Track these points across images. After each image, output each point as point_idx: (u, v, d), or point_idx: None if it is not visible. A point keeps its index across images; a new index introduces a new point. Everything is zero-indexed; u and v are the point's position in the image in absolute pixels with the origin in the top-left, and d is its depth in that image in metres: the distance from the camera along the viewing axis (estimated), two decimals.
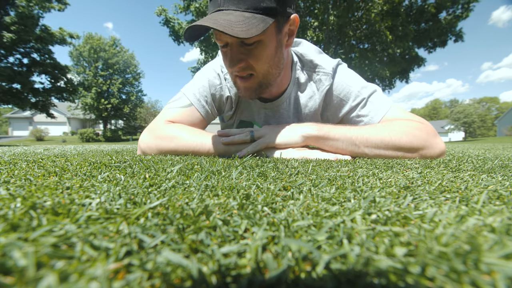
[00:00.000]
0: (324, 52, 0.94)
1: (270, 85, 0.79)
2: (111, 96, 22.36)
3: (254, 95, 0.80)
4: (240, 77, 0.75)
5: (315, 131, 0.72)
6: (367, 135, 0.72)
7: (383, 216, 0.22)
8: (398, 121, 0.77)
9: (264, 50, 0.70)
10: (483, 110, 34.38)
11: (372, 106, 0.83)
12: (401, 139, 0.71)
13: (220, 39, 0.70)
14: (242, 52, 0.70)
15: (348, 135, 0.72)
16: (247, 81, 0.75)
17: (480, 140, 17.58)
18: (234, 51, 0.70)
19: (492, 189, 0.33)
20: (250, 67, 0.72)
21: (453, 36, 11.60)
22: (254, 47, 0.69)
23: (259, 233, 0.18)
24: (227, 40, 0.69)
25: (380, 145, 0.71)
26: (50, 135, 23.89)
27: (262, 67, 0.73)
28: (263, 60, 0.72)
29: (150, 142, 0.81)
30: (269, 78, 0.77)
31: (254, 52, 0.69)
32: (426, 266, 0.14)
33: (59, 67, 10.69)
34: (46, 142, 18.74)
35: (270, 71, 0.75)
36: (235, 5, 0.63)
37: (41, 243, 0.16)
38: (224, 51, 0.73)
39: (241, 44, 0.69)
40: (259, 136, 0.75)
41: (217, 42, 0.72)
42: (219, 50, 0.96)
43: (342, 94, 0.86)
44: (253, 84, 0.76)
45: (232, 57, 0.70)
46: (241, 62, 0.70)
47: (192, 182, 0.35)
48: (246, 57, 0.70)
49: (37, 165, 0.51)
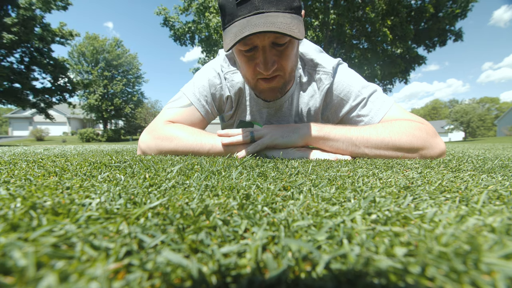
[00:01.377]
0: (324, 51, 0.94)
1: (291, 82, 0.80)
2: (113, 97, 22.38)
3: (279, 95, 0.80)
4: (264, 79, 0.74)
5: (315, 131, 0.72)
6: (368, 135, 0.71)
7: (383, 216, 0.22)
8: (398, 121, 0.76)
9: (293, 49, 0.70)
10: (483, 110, 34.40)
11: (372, 106, 0.83)
12: (401, 139, 0.71)
13: (248, 43, 0.66)
14: (274, 53, 0.69)
15: (348, 135, 0.72)
16: (273, 81, 0.75)
17: (480, 140, 17.59)
18: (268, 54, 0.68)
19: (492, 189, 0.33)
20: (280, 68, 0.71)
21: (452, 36, 11.61)
22: (285, 47, 0.68)
23: (259, 233, 0.18)
24: (257, 44, 0.66)
25: (380, 145, 0.71)
26: (50, 135, 23.89)
27: (290, 66, 0.73)
28: (292, 59, 0.72)
29: (150, 143, 0.81)
30: (292, 76, 0.78)
31: (285, 52, 0.69)
32: (426, 266, 0.14)
33: (60, 66, 10.68)
34: (46, 142, 18.74)
35: (294, 68, 0.76)
36: (275, 7, 0.61)
37: (41, 243, 0.15)
38: (249, 55, 0.70)
39: (272, 46, 0.67)
40: (259, 136, 0.75)
41: (241, 47, 0.68)
42: (220, 50, 0.95)
43: (343, 93, 0.86)
44: (279, 84, 0.76)
45: (267, 60, 0.68)
46: (275, 64, 0.69)
47: (192, 182, 0.35)
48: (277, 58, 0.69)
49: (37, 165, 0.51)
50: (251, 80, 0.77)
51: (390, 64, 11.29)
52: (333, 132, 0.72)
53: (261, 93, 0.80)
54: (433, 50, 12.39)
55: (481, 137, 29.71)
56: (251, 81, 0.77)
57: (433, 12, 10.35)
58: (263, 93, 0.80)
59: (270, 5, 0.61)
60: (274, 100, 0.85)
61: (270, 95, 0.79)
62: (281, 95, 0.81)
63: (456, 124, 30.74)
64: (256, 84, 0.77)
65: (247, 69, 0.74)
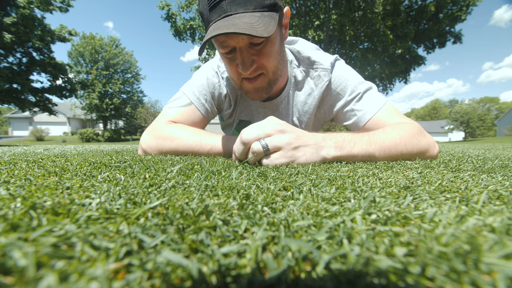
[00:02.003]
0: (321, 49, 0.95)
1: (277, 81, 0.79)
2: (112, 96, 22.37)
3: (264, 95, 0.79)
4: (247, 80, 0.74)
5: (337, 151, 0.62)
6: (388, 148, 0.67)
7: (383, 216, 0.22)
8: (406, 127, 0.74)
9: (272, 46, 0.70)
10: (483, 110, 34.39)
11: (366, 102, 0.84)
12: (414, 148, 0.70)
13: (225, 46, 0.67)
14: (252, 53, 0.69)
15: (370, 150, 0.65)
16: (256, 81, 0.74)
17: (480, 140, 17.59)
18: (245, 54, 0.68)
19: (492, 189, 0.33)
20: (261, 67, 0.71)
21: (452, 38, 11.62)
22: (263, 46, 0.68)
23: (259, 233, 0.18)
24: (234, 45, 0.67)
25: (397, 156, 0.69)
26: (50, 135, 23.89)
27: (272, 64, 0.72)
28: (273, 57, 0.71)
29: (151, 142, 0.82)
30: (277, 74, 0.77)
31: (264, 51, 0.69)
32: (426, 266, 0.14)
33: (59, 66, 10.70)
34: (46, 142, 18.74)
35: (278, 66, 0.75)
36: (243, 7, 0.62)
37: (41, 243, 0.15)
38: (230, 57, 0.71)
39: (250, 46, 0.67)
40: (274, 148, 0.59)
41: (221, 50, 0.69)
42: (217, 51, 0.96)
43: (339, 88, 0.87)
44: (263, 83, 0.76)
45: (245, 61, 0.68)
46: (253, 64, 0.69)
47: (192, 182, 0.35)
48: (257, 57, 0.69)
49: (37, 165, 0.51)
50: (236, 80, 0.77)
51: (390, 64, 11.30)
52: (355, 149, 0.64)
53: (247, 94, 0.80)
54: (432, 52, 12.40)
55: (481, 137, 29.71)
56: (236, 82, 0.78)
57: (434, 12, 10.36)
58: (248, 94, 0.79)
59: (237, 7, 0.62)
60: (260, 100, 0.83)
61: (255, 95, 0.78)
62: (267, 94, 0.79)
63: (456, 124, 30.75)
64: (241, 85, 0.77)
65: (230, 70, 0.75)
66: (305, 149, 0.59)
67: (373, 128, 0.81)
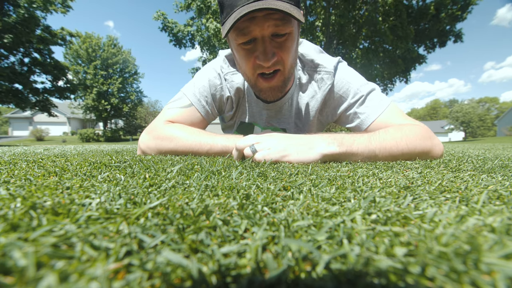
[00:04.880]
0: (324, 52, 0.94)
1: (290, 79, 0.78)
2: (111, 96, 22.34)
3: (279, 94, 0.78)
4: (263, 77, 0.73)
5: (336, 148, 0.61)
6: (389, 147, 0.66)
7: (383, 216, 0.22)
8: (409, 127, 0.73)
9: (293, 42, 0.69)
10: (483, 110, 34.39)
11: (369, 104, 0.83)
12: (416, 147, 0.69)
13: (246, 34, 0.65)
14: (274, 45, 0.68)
15: (371, 147, 0.64)
16: (273, 79, 0.73)
17: (480, 140, 17.58)
18: (268, 45, 0.66)
19: (492, 189, 0.33)
20: (280, 61, 0.70)
21: (452, 37, 11.61)
22: (285, 39, 0.67)
23: (259, 233, 0.18)
24: (256, 34, 0.65)
25: (398, 156, 0.68)
26: (50, 135, 23.88)
27: (289, 61, 0.72)
28: (291, 53, 0.71)
29: (150, 143, 0.81)
30: (291, 72, 0.76)
31: (285, 44, 0.68)
32: (426, 266, 0.14)
33: (60, 67, 10.72)
34: (46, 142, 18.74)
35: (293, 64, 0.75)
36: None
37: (41, 243, 0.15)
38: (248, 48, 0.69)
39: (272, 37, 0.66)
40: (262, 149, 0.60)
41: (240, 39, 0.67)
42: (220, 51, 0.95)
43: (342, 90, 0.86)
44: (279, 82, 0.75)
45: (266, 51, 0.66)
46: (274, 56, 0.68)
47: (192, 182, 0.35)
48: (277, 50, 0.68)
49: (37, 165, 0.51)
50: (251, 76, 0.75)
51: (390, 64, 11.30)
52: (355, 146, 0.63)
53: (261, 92, 0.79)
54: (433, 51, 12.40)
55: (481, 137, 29.71)
56: (251, 78, 0.76)
57: (435, 13, 10.36)
58: (263, 92, 0.79)
59: None
60: (274, 100, 0.84)
61: (270, 94, 0.78)
62: (281, 94, 0.79)
63: (456, 124, 30.76)
64: (256, 82, 0.76)
65: (246, 64, 0.73)
66: (297, 147, 0.60)
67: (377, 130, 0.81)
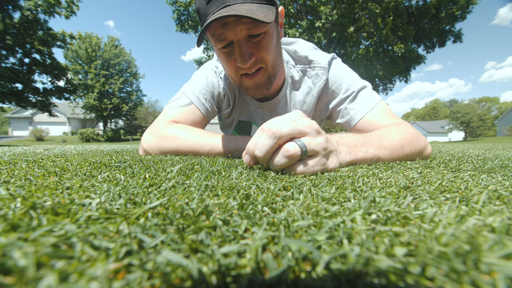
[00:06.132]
0: (318, 48, 0.95)
1: (277, 76, 0.79)
2: (111, 96, 22.35)
3: (265, 90, 0.79)
4: (247, 76, 0.74)
5: (351, 157, 0.59)
6: (396, 151, 0.66)
7: (383, 216, 0.22)
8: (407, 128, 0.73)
9: (270, 40, 0.70)
10: (483, 110, 34.40)
11: (359, 101, 0.84)
12: (416, 149, 0.71)
13: (222, 39, 0.67)
14: (251, 46, 0.69)
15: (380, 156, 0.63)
16: (256, 76, 0.74)
17: (480, 140, 17.58)
18: (244, 47, 0.68)
19: (492, 189, 0.33)
20: (260, 60, 0.71)
21: (452, 37, 11.62)
22: (261, 38, 0.68)
23: (259, 233, 0.18)
24: (231, 38, 0.67)
25: (402, 157, 0.69)
26: (50, 135, 23.88)
27: (271, 57, 0.72)
28: (271, 50, 0.71)
29: (152, 142, 0.82)
30: (276, 69, 0.77)
31: (262, 43, 0.69)
32: (426, 266, 0.14)
33: (60, 67, 10.72)
34: (46, 142, 18.73)
35: (276, 61, 0.75)
36: None
37: (41, 243, 0.15)
38: (227, 52, 0.70)
39: (248, 39, 0.67)
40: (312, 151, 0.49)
41: (217, 44, 0.69)
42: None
43: (335, 86, 0.88)
44: (263, 78, 0.75)
45: (243, 53, 0.68)
46: (252, 57, 0.69)
47: (192, 182, 0.35)
48: (255, 50, 0.69)
49: (37, 165, 0.51)
50: (234, 77, 0.76)
51: (390, 64, 11.30)
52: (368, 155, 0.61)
53: (247, 91, 0.80)
54: (432, 51, 12.40)
55: (481, 137, 29.71)
56: (235, 79, 0.77)
57: (434, 12, 10.36)
58: (249, 91, 0.79)
59: None
60: (269, 99, 0.84)
61: (256, 92, 0.78)
62: (268, 90, 0.79)
63: (456, 124, 30.77)
64: (241, 81, 0.77)
65: (228, 66, 0.74)
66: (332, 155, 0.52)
67: (365, 127, 0.82)
